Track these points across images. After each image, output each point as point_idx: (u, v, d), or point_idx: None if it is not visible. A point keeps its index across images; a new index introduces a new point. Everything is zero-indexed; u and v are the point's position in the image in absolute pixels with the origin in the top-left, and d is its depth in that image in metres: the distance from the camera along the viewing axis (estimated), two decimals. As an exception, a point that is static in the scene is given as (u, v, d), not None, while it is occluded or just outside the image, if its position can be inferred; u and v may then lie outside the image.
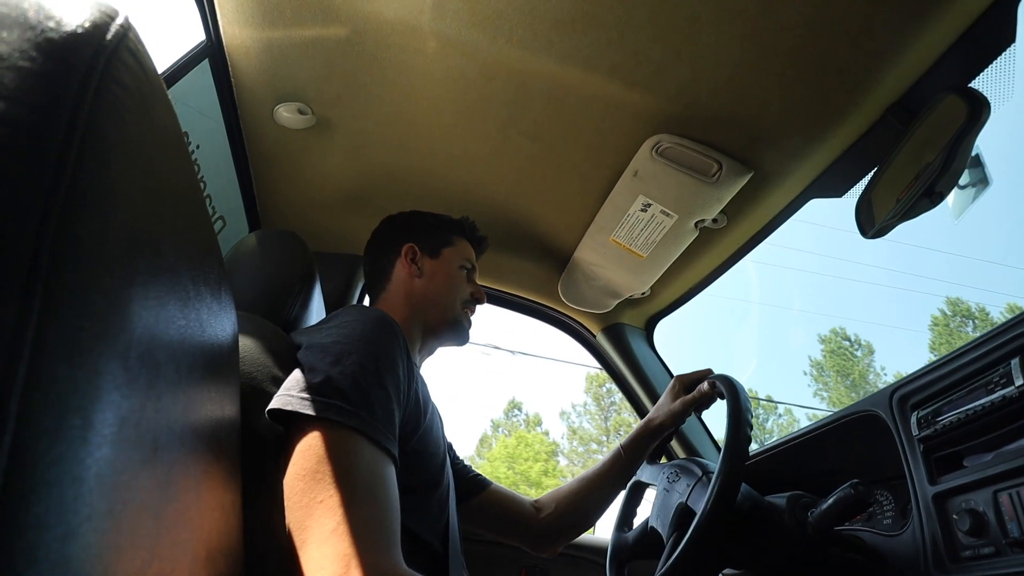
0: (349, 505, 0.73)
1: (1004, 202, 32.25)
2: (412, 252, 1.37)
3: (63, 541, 0.29)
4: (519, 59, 1.22)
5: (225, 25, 1.21)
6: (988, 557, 0.91)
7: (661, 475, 1.41)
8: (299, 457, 0.77)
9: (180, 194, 0.49)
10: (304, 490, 0.74)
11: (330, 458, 0.76)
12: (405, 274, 1.35)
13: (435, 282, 1.35)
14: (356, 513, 0.72)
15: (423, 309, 1.32)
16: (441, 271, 1.36)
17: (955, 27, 1.03)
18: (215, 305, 0.58)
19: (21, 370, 0.27)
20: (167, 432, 0.43)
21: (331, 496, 0.73)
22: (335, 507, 0.72)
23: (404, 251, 1.37)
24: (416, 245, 1.38)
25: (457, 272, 1.38)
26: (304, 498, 0.73)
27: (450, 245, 1.40)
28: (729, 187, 1.38)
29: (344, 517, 0.72)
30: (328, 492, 0.73)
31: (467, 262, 1.40)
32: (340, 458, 0.76)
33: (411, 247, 1.37)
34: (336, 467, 0.75)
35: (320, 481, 0.74)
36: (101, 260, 0.34)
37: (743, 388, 1.19)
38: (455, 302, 1.35)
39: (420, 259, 1.36)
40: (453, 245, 1.41)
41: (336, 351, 0.87)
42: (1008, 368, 0.91)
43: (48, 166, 0.30)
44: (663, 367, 2.06)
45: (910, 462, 1.09)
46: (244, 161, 1.56)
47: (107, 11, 0.38)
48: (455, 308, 1.35)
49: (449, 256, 1.39)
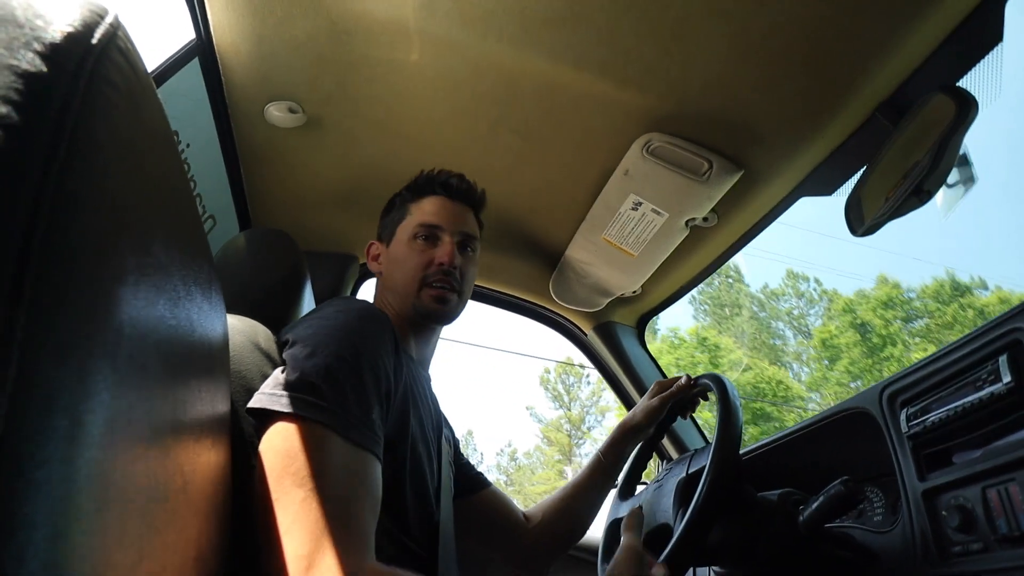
0: (314, 503, 0.71)
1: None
2: (373, 249, 1.33)
3: (52, 541, 0.28)
4: (509, 58, 1.22)
5: (215, 24, 1.20)
6: (977, 553, 0.91)
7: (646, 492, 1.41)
8: (268, 455, 0.76)
9: (170, 193, 0.49)
10: (271, 488, 0.73)
11: (297, 455, 0.74)
12: (376, 272, 1.30)
13: (389, 273, 1.25)
14: (322, 511, 0.71)
15: (391, 302, 1.23)
16: (394, 256, 1.25)
17: (943, 26, 1.03)
18: (205, 304, 0.57)
19: (10, 370, 0.27)
20: (157, 431, 0.43)
21: (292, 492, 0.72)
22: (294, 503, 0.71)
23: (368, 251, 1.33)
24: (377, 239, 1.33)
25: (405, 250, 1.23)
26: (271, 495, 0.72)
27: (403, 219, 1.26)
28: (719, 186, 1.39)
29: (307, 515, 0.70)
30: (289, 488, 0.72)
31: (420, 228, 1.23)
32: (307, 455, 0.75)
33: (371, 244, 1.33)
34: (303, 464, 0.74)
35: (282, 478, 0.73)
36: (90, 259, 0.33)
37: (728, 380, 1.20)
38: (410, 283, 1.19)
39: (381, 252, 1.30)
40: (409, 215, 1.26)
41: (313, 343, 0.86)
42: (996, 365, 0.92)
43: (37, 165, 0.30)
44: (654, 365, 2.07)
45: (900, 459, 1.10)
46: (234, 160, 1.55)
47: (96, 10, 0.38)
48: (410, 292, 1.19)
49: (400, 235, 1.25)
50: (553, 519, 1.38)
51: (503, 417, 43.16)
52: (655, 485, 1.38)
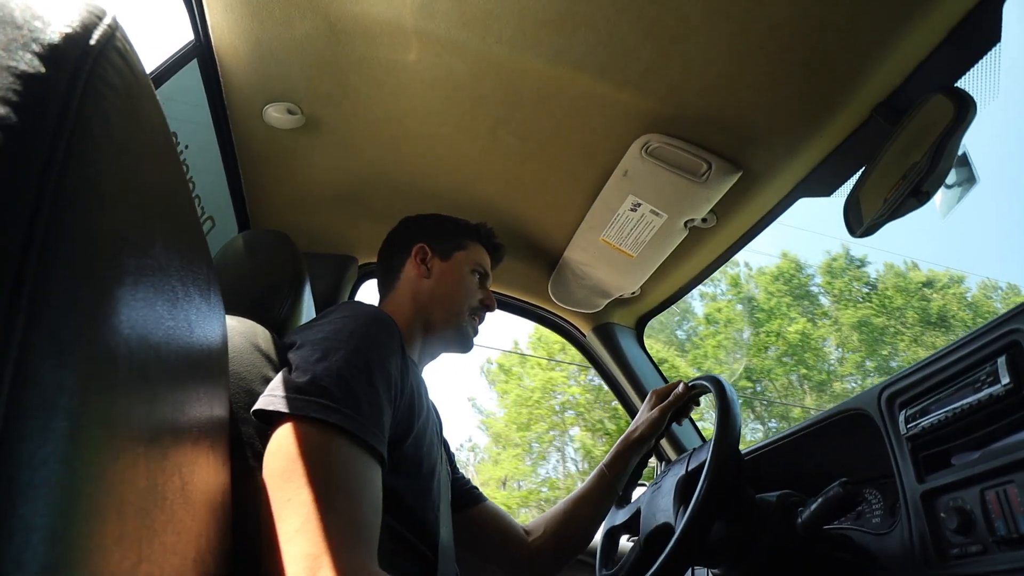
0: (320, 504, 0.71)
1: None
2: (423, 252, 1.35)
3: (51, 544, 0.28)
4: (509, 59, 1.22)
5: (214, 25, 1.20)
6: (975, 555, 0.92)
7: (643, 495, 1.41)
8: (274, 455, 0.76)
9: (168, 194, 0.49)
10: (276, 488, 0.73)
11: (305, 455, 0.74)
12: (414, 274, 1.33)
13: (443, 284, 1.32)
14: (327, 512, 0.71)
15: (428, 311, 1.30)
16: (450, 274, 1.34)
17: (941, 27, 1.03)
18: (204, 306, 0.57)
19: (8, 371, 0.27)
20: (155, 433, 0.42)
21: (301, 494, 0.71)
22: (304, 505, 0.71)
23: (415, 251, 1.35)
24: (427, 245, 1.36)
25: (467, 276, 1.35)
26: (275, 496, 0.72)
27: (463, 249, 1.38)
28: (718, 187, 1.39)
29: (313, 516, 0.70)
30: (298, 490, 0.72)
31: (479, 267, 1.38)
32: (315, 455, 0.74)
33: (422, 247, 1.35)
34: (310, 464, 0.74)
35: (291, 480, 0.73)
36: (89, 260, 0.33)
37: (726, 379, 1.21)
38: (462, 306, 1.32)
39: (431, 260, 1.35)
40: (466, 249, 1.38)
41: (324, 347, 0.86)
42: (995, 366, 0.92)
43: (36, 166, 0.30)
44: (653, 366, 2.07)
45: (898, 460, 1.10)
46: (233, 161, 1.55)
47: (95, 11, 0.38)
48: (461, 313, 1.32)
49: (460, 259, 1.36)
50: (556, 531, 1.37)
51: (451, 410, 42.06)
52: (653, 487, 1.37)
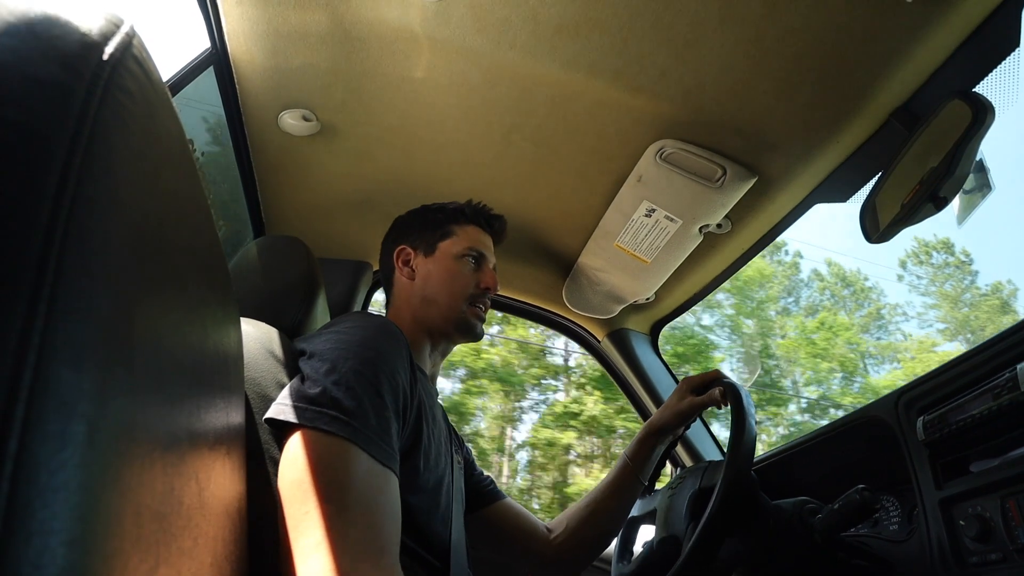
0: (338, 518, 0.72)
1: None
2: (404, 255, 1.32)
3: (69, 547, 0.29)
4: (523, 65, 1.22)
5: (230, 33, 1.21)
6: (995, 563, 0.90)
7: (661, 495, 1.40)
8: (289, 467, 0.76)
9: (185, 201, 0.49)
10: (294, 501, 0.73)
11: (320, 468, 0.75)
12: (403, 279, 1.30)
13: (430, 283, 1.27)
14: (345, 526, 0.72)
15: (423, 313, 1.25)
16: (437, 269, 1.28)
17: (959, 31, 1.02)
18: (220, 312, 0.58)
19: (27, 375, 0.27)
20: (172, 438, 0.43)
21: (319, 508, 0.72)
22: (323, 519, 0.71)
23: (396, 255, 1.32)
24: (409, 246, 1.32)
25: (455, 265, 1.27)
26: (293, 510, 0.73)
27: (448, 237, 1.30)
28: (733, 192, 1.38)
29: (332, 530, 0.71)
30: (316, 504, 0.72)
31: (471, 251, 1.29)
32: (330, 468, 0.75)
33: (401, 249, 1.32)
34: (325, 478, 0.74)
35: (308, 492, 0.73)
36: (107, 266, 0.34)
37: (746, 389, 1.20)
38: (456, 299, 1.25)
39: (414, 260, 1.30)
40: (452, 236, 1.30)
41: (332, 358, 0.86)
42: (1014, 373, 0.91)
43: (54, 172, 0.31)
44: (668, 372, 2.06)
45: (916, 467, 1.09)
46: (249, 168, 1.56)
47: (113, 20, 0.39)
48: (457, 306, 1.25)
49: (446, 249, 1.29)
50: (580, 525, 1.36)
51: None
52: (668, 492, 1.37)
